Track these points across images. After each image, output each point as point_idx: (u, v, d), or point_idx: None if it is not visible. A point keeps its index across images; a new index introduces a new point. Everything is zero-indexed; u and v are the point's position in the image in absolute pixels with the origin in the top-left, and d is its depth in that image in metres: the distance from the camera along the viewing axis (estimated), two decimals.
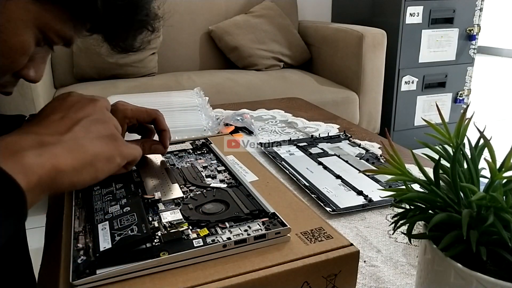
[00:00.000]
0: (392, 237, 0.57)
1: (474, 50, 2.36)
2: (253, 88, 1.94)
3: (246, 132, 0.98)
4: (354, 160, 0.80)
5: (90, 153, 0.39)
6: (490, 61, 5.32)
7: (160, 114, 0.59)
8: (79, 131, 0.39)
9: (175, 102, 1.03)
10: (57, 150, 0.36)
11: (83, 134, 0.39)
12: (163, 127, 0.59)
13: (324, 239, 0.42)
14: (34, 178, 0.33)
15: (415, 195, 0.36)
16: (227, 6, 2.36)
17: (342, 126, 1.03)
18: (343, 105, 2.00)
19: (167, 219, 0.44)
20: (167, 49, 2.21)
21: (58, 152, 0.36)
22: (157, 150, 0.59)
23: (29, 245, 0.54)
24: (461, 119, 0.38)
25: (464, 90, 2.40)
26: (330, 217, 0.61)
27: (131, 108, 0.58)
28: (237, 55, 2.23)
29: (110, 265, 0.36)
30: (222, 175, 0.55)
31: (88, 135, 0.40)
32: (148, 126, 0.61)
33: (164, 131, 0.59)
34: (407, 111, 2.32)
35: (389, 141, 0.41)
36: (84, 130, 0.40)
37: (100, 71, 2.00)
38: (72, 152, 0.37)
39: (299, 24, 2.48)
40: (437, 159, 0.35)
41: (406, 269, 0.50)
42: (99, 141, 0.40)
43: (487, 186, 0.34)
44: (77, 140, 0.38)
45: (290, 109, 1.18)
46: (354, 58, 2.04)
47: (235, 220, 0.43)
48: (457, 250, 0.32)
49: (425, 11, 2.18)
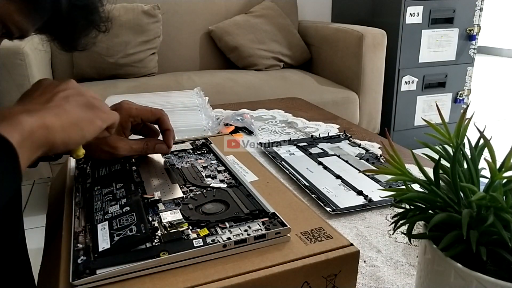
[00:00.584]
0: (392, 237, 0.57)
1: (474, 50, 2.36)
2: (253, 88, 1.94)
3: (246, 132, 0.98)
4: (354, 160, 0.80)
5: (74, 116, 0.42)
6: (490, 61, 5.31)
7: (165, 114, 0.60)
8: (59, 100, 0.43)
9: (175, 102, 1.03)
10: (44, 113, 0.40)
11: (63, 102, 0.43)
12: (167, 127, 0.59)
13: (324, 239, 0.42)
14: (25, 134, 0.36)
15: (415, 195, 0.36)
16: (227, 6, 2.36)
17: (342, 126, 1.03)
18: (343, 105, 2.00)
19: (167, 219, 0.44)
20: (167, 49, 2.21)
21: (45, 115, 0.39)
22: (160, 150, 0.59)
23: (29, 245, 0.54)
24: (461, 119, 0.38)
25: (464, 90, 2.40)
26: (330, 217, 0.61)
27: (136, 107, 0.58)
28: (237, 55, 2.23)
29: (110, 265, 0.36)
30: (222, 175, 0.55)
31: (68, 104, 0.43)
32: (152, 126, 0.61)
33: (168, 131, 0.59)
34: (407, 111, 2.32)
35: (389, 141, 0.41)
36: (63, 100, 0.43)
37: (100, 71, 2.00)
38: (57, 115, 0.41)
39: (299, 24, 2.48)
40: (437, 159, 0.35)
41: (406, 269, 0.50)
42: (79, 108, 0.44)
43: (487, 186, 0.34)
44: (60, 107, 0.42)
45: (290, 109, 1.18)
46: (354, 58, 2.04)
47: (235, 220, 0.43)
48: (457, 250, 0.32)
49: (425, 11, 2.18)
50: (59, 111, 0.41)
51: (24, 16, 0.43)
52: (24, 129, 0.36)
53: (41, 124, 0.38)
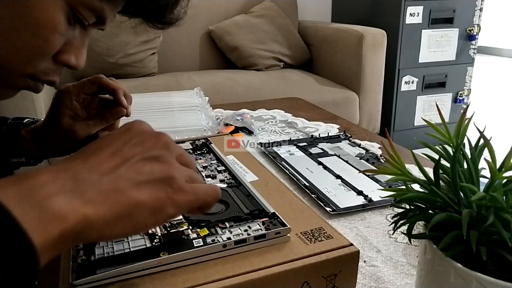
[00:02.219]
0: (392, 237, 0.57)
1: (474, 50, 2.36)
2: (253, 88, 1.94)
3: (246, 132, 0.98)
4: (354, 160, 0.80)
5: (131, 202, 0.31)
6: (490, 61, 5.31)
7: (102, 77, 0.57)
8: (127, 171, 0.32)
9: (175, 102, 1.03)
10: (92, 195, 0.30)
11: (130, 175, 0.32)
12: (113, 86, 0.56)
13: (324, 239, 0.42)
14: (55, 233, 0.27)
15: (415, 195, 0.36)
16: (227, 6, 2.36)
17: (342, 126, 1.03)
18: (343, 105, 2.00)
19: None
20: (167, 49, 2.21)
21: (93, 198, 0.29)
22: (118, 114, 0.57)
23: None
24: (461, 119, 0.38)
25: (464, 90, 2.40)
26: (330, 217, 0.61)
27: (73, 85, 0.56)
28: (237, 55, 2.23)
29: (110, 265, 0.36)
30: (222, 175, 0.55)
31: (137, 178, 0.32)
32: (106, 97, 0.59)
33: (115, 90, 0.56)
34: (407, 111, 2.32)
35: (389, 141, 0.41)
36: (133, 170, 0.32)
37: (100, 71, 1.98)
38: (108, 199, 0.30)
39: (299, 24, 2.48)
40: (437, 159, 0.35)
41: (406, 269, 0.50)
42: (148, 186, 0.32)
43: (487, 186, 0.34)
44: (119, 184, 0.31)
45: (290, 109, 1.18)
46: (354, 58, 2.04)
47: (235, 220, 0.43)
48: (457, 250, 0.32)
49: (425, 11, 2.18)
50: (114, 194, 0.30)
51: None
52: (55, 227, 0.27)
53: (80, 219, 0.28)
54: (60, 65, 0.44)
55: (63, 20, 0.40)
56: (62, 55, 0.43)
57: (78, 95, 0.57)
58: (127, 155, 0.33)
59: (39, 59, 0.42)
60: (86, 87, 0.57)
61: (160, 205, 0.32)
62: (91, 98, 0.59)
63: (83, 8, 0.41)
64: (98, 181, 0.30)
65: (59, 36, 0.41)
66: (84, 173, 0.30)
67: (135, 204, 0.31)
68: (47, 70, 0.44)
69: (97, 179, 0.30)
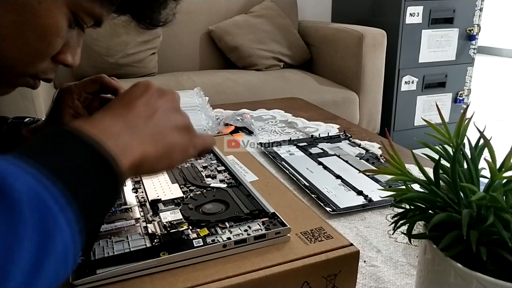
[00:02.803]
0: (392, 237, 0.57)
1: (474, 50, 2.36)
2: (253, 88, 1.94)
3: (246, 132, 0.98)
4: (354, 160, 0.80)
5: (170, 143, 0.38)
6: (490, 61, 5.31)
7: (104, 76, 0.57)
8: (161, 118, 0.39)
9: None
10: (145, 136, 0.36)
11: (164, 122, 0.39)
12: (115, 86, 0.57)
13: (324, 239, 0.42)
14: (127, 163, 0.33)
15: (415, 195, 0.36)
16: (227, 6, 2.36)
17: (342, 126, 1.03)
18: (343, 105, 2.00)
19: (167, 219, 0.44)
20: (167, 49, 2.21)
21: (146, 139, 0.36)
22: None
23: None
24: (461, 119, 0.38)
25: (464, 90, 2.40)
26: (330, 217, 0.61)
27: (75, 84, 0.57)
28: (237, 55, 2.23)
29: (110, 265, 0.36)
30: (222, 175, 0.55)
31: (168, 124, 0.39)
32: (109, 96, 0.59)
33: (117, 90, 0.57)
34: (407, 111, 2.32)
35: (389, 141, 0.41)
36: (165, 118, 0.39)
37: (100, 71, 1.98)
38: (156, 140, 0.37)
39: (299, 24, 2.48)
40: (437, 159, 0.35)
41: (406, 269, 0.50)
42: (176, 131, 0.39)
43: (487, 186, 0.34)
44: (159, 128, 0.38)
45: (290, 109, 1.18)
46: (354, 58, 2.04)
47: (235, 220, 0.43)
48: (457, 250, 0.32)
49: (425, 11, 2.18)
50: (159, 137, 0.37)
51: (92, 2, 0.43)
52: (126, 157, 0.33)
53: (141, 153, 0.35)
54: (57, 63, 0.47)
55: (65, 25, 0.43)
56: (59, 55, 0.45)
57: (80, 94, 0.57)
58: (155, 106, 0.39)
59: (41, 60, 0.44)
60: (88, 86, 0.58)
61: (186, 147, 0.40)
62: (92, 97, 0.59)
63: (84, 14, 0.43)
64: (144, 127, 0.37)
65: (61, 39, 0.43)
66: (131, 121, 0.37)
67: (172, 145, 0.38)
68: (46, 69, 0.46)
69: (143, 125, 0.37)
